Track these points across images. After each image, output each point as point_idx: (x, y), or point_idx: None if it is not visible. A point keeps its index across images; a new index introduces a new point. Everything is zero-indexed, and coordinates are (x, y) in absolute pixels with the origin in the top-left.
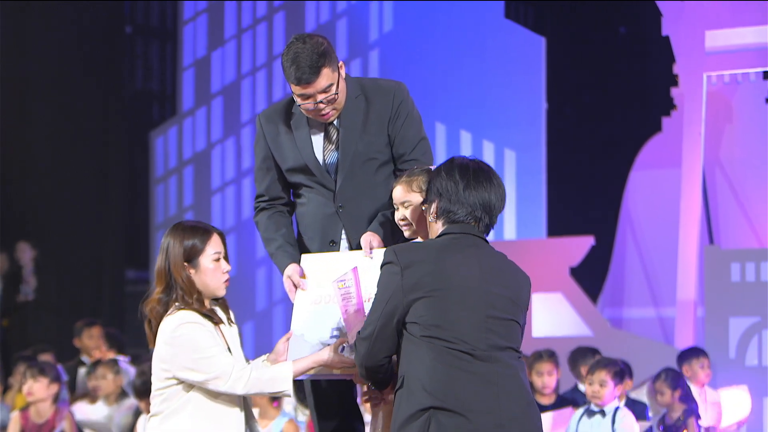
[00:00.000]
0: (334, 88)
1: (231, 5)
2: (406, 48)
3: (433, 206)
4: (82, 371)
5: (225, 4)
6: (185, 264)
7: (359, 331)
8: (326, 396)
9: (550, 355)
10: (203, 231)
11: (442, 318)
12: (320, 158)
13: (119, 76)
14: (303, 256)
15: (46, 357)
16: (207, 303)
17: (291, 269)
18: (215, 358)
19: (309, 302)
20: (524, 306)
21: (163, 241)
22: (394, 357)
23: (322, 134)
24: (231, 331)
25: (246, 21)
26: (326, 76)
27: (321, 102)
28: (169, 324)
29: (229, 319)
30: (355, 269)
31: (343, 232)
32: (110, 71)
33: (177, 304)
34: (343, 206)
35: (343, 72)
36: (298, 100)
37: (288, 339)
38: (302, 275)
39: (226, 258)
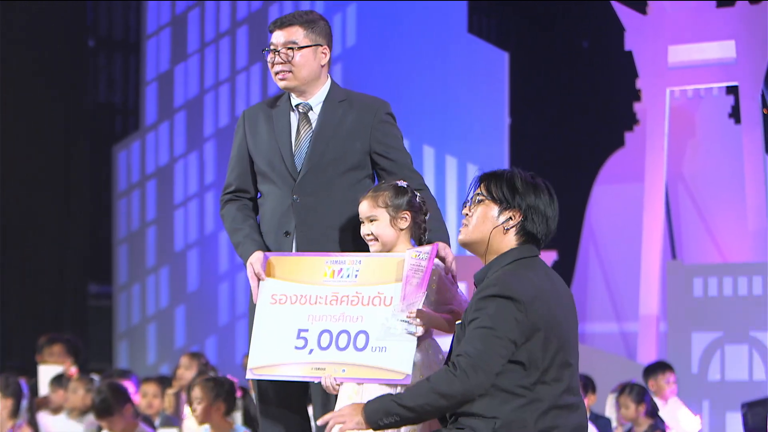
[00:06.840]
0: (295, 49)
1: (194, 19)
2: (369, 63)
3: (517, 220)
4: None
5: (188, 17)
6: None
7: (464, 356)
8: (276, 408)
9: None
10: None
11: (550, 360)
12: (293, 147)
13: (82, 90)
14: (267, 254)
15: None
16: None
17: (255, 257)
18: None
19: (271, 301)
20: None
21: None
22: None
23: (297, 127)
24: None
25: (209, 35)
26: (293, 33)
27: (279, 53)
28: None
29: None
30: (434, 248)
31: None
32: (73, 84)
33: None
34: (299, 198)
35: (322, 57)
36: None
37: None
38: (266, 269)
39: None
